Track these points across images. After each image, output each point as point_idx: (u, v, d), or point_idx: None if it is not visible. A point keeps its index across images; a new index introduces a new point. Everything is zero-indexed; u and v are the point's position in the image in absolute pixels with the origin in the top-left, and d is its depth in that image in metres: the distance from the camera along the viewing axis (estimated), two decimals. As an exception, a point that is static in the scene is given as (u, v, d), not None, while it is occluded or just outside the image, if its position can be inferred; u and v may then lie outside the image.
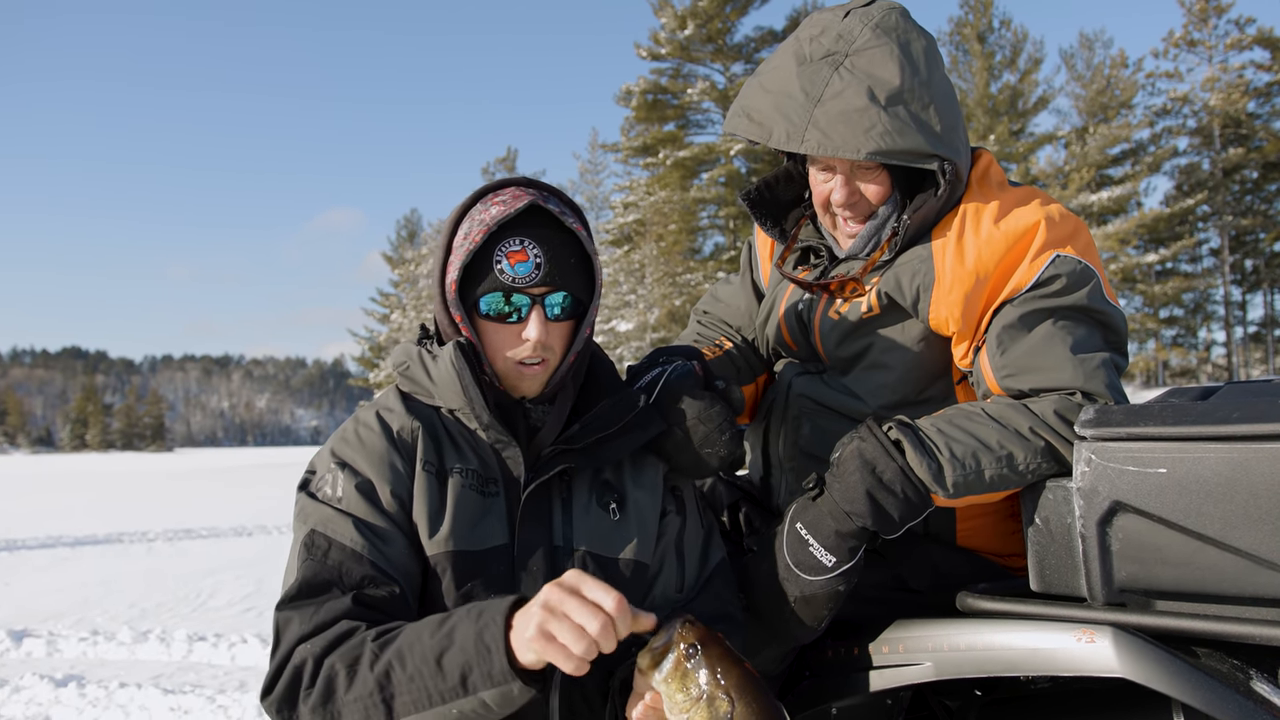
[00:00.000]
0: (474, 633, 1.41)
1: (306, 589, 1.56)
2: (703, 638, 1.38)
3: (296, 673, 1.48)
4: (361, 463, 1.66)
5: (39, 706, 5.56)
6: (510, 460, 1.70)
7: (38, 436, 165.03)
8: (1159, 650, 1.58)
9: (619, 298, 39.16)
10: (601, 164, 46.61)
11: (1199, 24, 37.81)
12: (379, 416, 1.73)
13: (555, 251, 1.66)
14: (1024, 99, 37.04)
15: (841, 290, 2.09)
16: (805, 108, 1.90)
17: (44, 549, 13.42)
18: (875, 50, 1.90)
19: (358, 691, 1.44)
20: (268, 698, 1.50)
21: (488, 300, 1.67)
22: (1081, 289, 1.87)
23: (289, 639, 1.52)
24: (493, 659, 1.38)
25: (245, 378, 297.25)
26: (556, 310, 1.68)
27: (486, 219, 1.65)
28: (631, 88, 38.04)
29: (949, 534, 2.05)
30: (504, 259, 1.64)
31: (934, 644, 1.82)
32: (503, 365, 1.71)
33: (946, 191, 1.94)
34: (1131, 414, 1.65)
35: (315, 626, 1.52)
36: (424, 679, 1.42)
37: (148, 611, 8.56)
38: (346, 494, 1.63)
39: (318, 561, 1.57)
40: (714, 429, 1.80)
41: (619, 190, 41.04)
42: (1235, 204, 38.68)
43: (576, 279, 1.70)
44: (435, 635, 1.44)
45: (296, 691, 1.48)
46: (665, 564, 1.79)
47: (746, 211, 2.27)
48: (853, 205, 2.02)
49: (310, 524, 1.62)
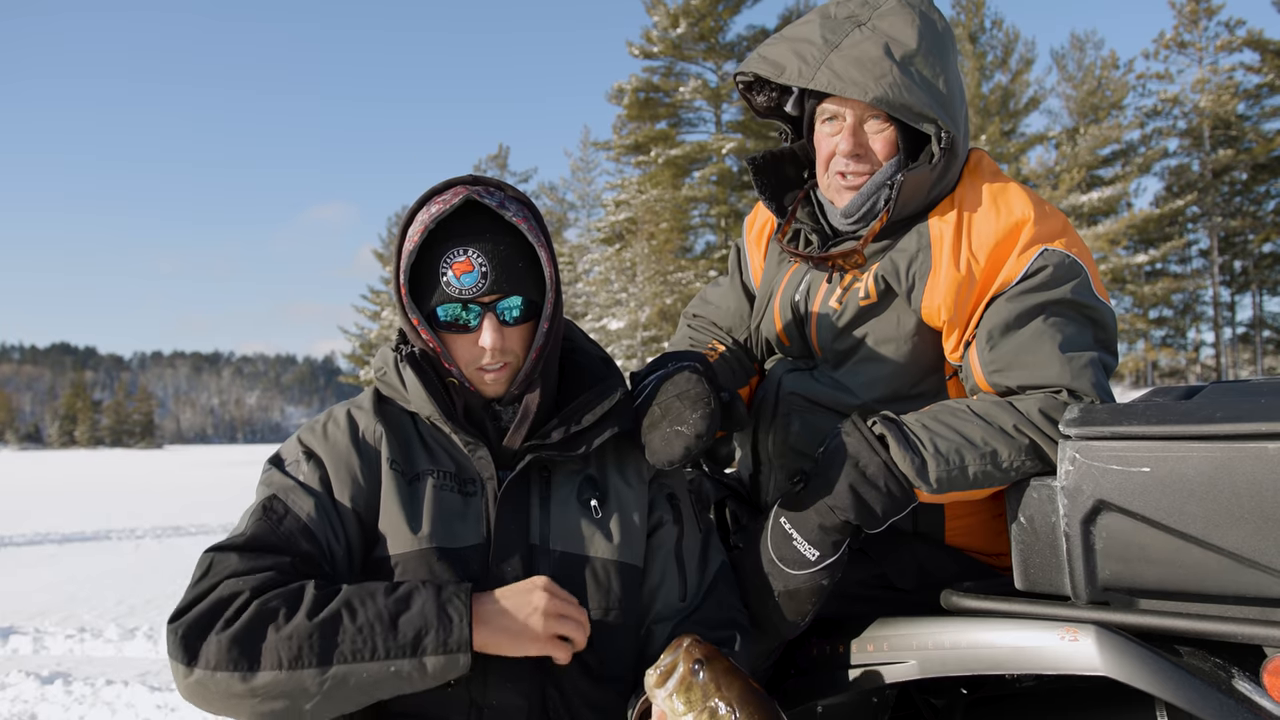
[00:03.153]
0: (436, 603, 1.51)
1: (253, 543, 1.58)
2: (707, 654, 1.43)
3: (221, 602, 1.49)
4: (325, 456, 1.69)
5: (25, 704, 5.53)
6: (481, 461, 1.70)
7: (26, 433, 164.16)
8: (1142, 649, 1.59)
9: (610, 296, 39.12)
10: (593, 162, 46.55)
11: (1189, 25, 37.92)
12: (348, 414, 1.75)
13: (501, 257, 1.66)
14: (1015, 99, 37.08)
15: (844, 263, 2.08)
16: (822, 51, 1.96)
17: (31, 546, 13.36)
18: (898, 16, 1.97)
19: (293, 631, 1.46)
20: (178, 620, 1.48)
21: (443, 310, 1.68)
22: (1069, 282, 1.88)
23: (219, 572, 1.53)
24: (453, 628, 1.49)
25: (235, 374, 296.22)
26: (514, 314, 1.69)
27: (425, 219, 1.66)
28: (623, 85, 37.98)
29: (938, 532, 2.05)
30: (449, 270, 1.65)
31: (919, 642, 1.82)
32: (466, 370, 1.72)
33: (941, 163, 1.96)
34: (1115, 413, 1.65)
35: (249, 567, 1.53)
36: (373, 633, 1.47)
37: (135, 609, 8.52)
38: (309, 480, 1.66)
39: (271, 524, 1.60)
40: (686, 406, 1.75)
41: (610, 188, 40.96)
42: (1225, 205, 38.79)
43: (527, 280, 1.70)
44: (389, 597, 1.51)
45: (214, 620, 1.47)
46: (666, 575, 1.78)
47: (738, 209, 2.27)
48: (858, 157, 2.03)
49: (274, 490, 1.64)
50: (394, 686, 1.50)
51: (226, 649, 1.45)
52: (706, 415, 1.74)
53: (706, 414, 1.74)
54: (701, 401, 1.75)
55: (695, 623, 1.76)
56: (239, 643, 1.45)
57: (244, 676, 1.44)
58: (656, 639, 1.75)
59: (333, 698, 1.48)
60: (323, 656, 1.46)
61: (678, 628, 1.74)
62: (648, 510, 1.81)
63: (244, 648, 1.45)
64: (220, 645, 1.45)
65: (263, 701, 1.46)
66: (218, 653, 1.45)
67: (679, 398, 1.77)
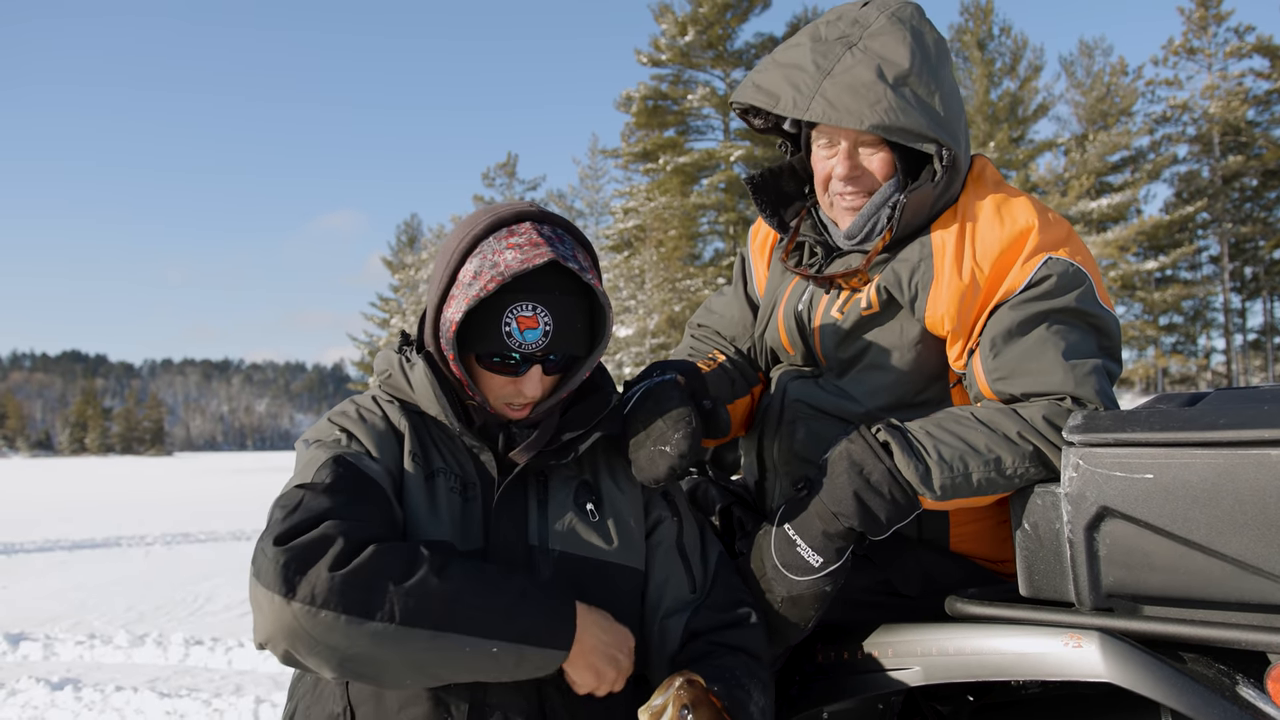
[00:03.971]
0: (547, 604, 1.55)
1: (336, 486, 1.53)
2: (695, 699, 1.46)
3: (327, 539, 1.43)
4: (362, 436, 1.67)
5: (35, 710, 5.55)
6: (486, 463, 1.72)
7: (37, 440, 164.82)
8: (1146, 655, 1.59)
9: (619, 303, 39.12)
10: (601, 169, 46.64)
11: (1199, 32, 37.84)
12: (376, 401, 1.75)
13: (566, 317, 1.65)
14: (1024, 106, 37.04)
15: (844, 283, 2.09)
16: (815, 79, 1.95)
17: (42, 552, 13.42)
18: (889, 35, 1.96)
19: (415, 588, 1.43)
20: (284, 545, 1.41)
21: (489, 354, 1.66)
22: (1073, 291, 1.88)
23: (315, 509, 1.47)
24: (562, 629, 1.55)
25: (245, 382, 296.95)
26: (554, 365, 1.70)
27: (501, 266, 1.59)
28: (632, 93, 38.06)
29: (942, 539, 2.05)
30: (513, 323, 1.62)
31: (924, 648, 1.83)
32: (494, 401, 1.72)
33: (944, 179, 1.96)
34: (1119, 420, 1.66)
35: (351, 514, 1.49)
36: (489, 614, 1.49)
37: (145, 615, 8.55)
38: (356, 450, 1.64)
39: (347, 472, 1.56)
40: (668, 426, 1.77)
41: (619, 196, 41.04)
42: (1235, 211, 38.68)
43: (579, 340, 1.70)
44: (504, 586, 1.53)
45: (322, 555, 1.41)
46: (672, 570, 1.80)
47: (746, 217, 2.29)
48: (854, 180, 2.04)
49: (334, 452, 1.60)
50: (485, 669, 1.50)
51: (340, 589, 1.39)
52: (688, 435, 1.76)
53: (688, 433, 1.76)
54: (683, 421, 1.78)
55: (707, 608, 1.78)
56: (355, 586, 1.39)
57: (351, 620, 1.39)
58: (671, 633, 1.76)
59: (424, 665, 1.46)
60: (439, 620, 1.44)
61: (692, 618, 1.76)
62: (644, 512, 1.83)
63: (361, 592, 1.40)
64: (333, 583, 1.39)
65: (361, 649, 1.41)
66: (328, 590, 1.38)
67: (661, 417, 1.79)
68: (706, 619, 1.78)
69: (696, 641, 1.75)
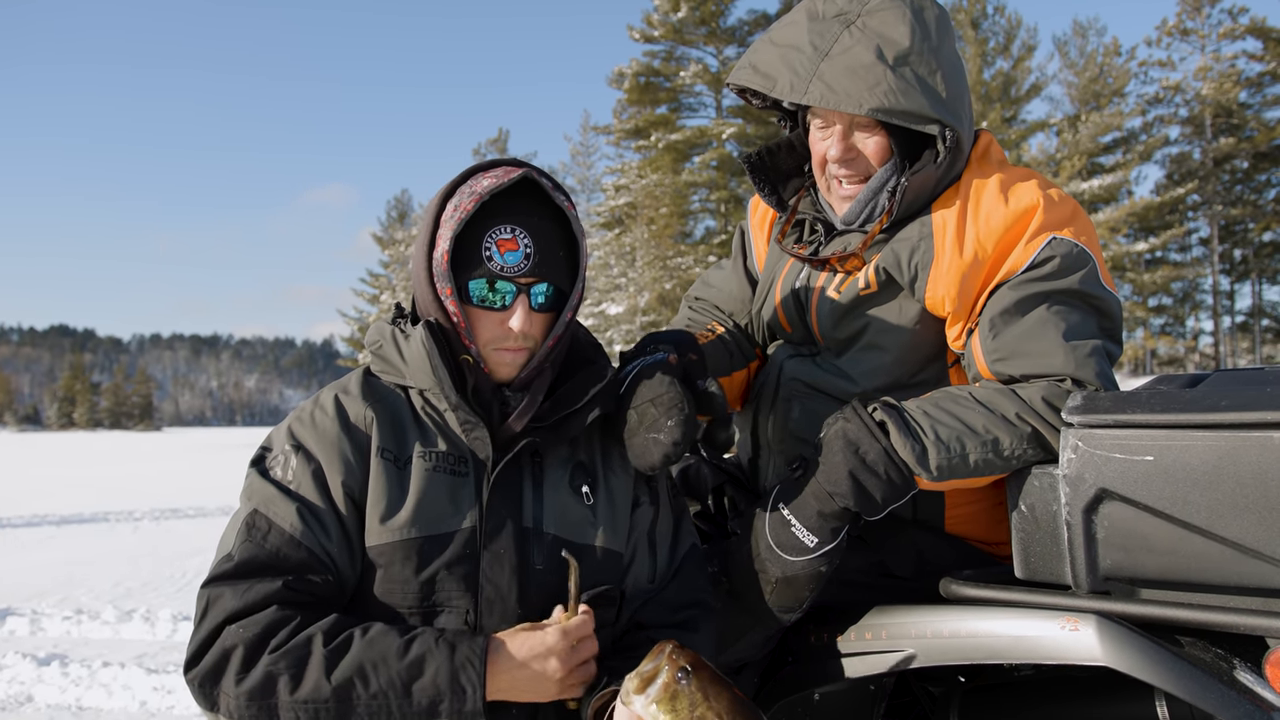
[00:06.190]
0: (449, 670, 1.50)
1: (242, 569, 1.57)
2: (693, 661, 1.41)
3: (225, 654, 1.50)
4: (315, 447, 1.65)
5: (21, 685, 5.53)
6: (478, 441, 1.68)
7: (25, 415, 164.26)
8: (1143, 639, 1.58)
9: (609, 281, 39.10)
10: (593, 146, 46.41)
11: (1192, 13, 37.79)
12: (336, 401, 1.71)
13: (545, 241, 1.65)
14: (1017, 86, 36.95)
15: (842, 264, 2.07)
16: (812, 60, 1.90)
17: (29, 527, 13.37)
18: (887, 12, 1.91)
19: (307, 694, 1.47)
20: (192, 671, 1.51)
21: (474, 285, 1.65)
22: (1076, 272, 1.86)
23: (217, 615, 1.53)
24: (467, 698, 1.49)
25: (234, 357, 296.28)
26: (541, 300, 1.67)
27: (478, 189, 1.63)
28: (624, 70, 37.83)
29: (938, 520, 2.03)
30: (494, 246, 1.63)
31: (917, 630, 1.81)
32: (484, 349, 1.69)
33: (947, 160, 1.93)
34: (1119, 401, 1.64)
35: (245, 605, 1.53)
36: (389, 700, 1.49)
37: (132, 591, 8.53)
38: (298, 477, 1.63)
39: (256, 544, 1.58)
40: (661, 413, 1.72)
41: (610, 173, 40.87)
42: (1225, 194, 38.75)
43: (562, 270, 1.69)
44: (402, 660, 1.51)
45: (223, 671, 1.49)
46: (638, 555, 1.78)
47: (737, 195, 2.26)
48: (849, 162, 2.00)
49: (254, 503, 1.62)
50: None
51: (245, 705, 1.47)
52: (681, 422, 1.71)
53: (681, 420, 1.71)
54: (676, 408, 1.71)
55: (658, 604, 1.76)
56: (254, 700, 1.47)
57: None
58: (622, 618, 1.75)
59: None
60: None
61: (641, 609, 1.75)
62: (631, 494, 1.81)
63: (260, 706, 1.47)
64: (239, 700, 1.47)
65: None
66: (237, 707, 1.48)
67: (654, 403, 1.73)
68: (654, 613, 1.76)
69: (638, 634, 1.73)
